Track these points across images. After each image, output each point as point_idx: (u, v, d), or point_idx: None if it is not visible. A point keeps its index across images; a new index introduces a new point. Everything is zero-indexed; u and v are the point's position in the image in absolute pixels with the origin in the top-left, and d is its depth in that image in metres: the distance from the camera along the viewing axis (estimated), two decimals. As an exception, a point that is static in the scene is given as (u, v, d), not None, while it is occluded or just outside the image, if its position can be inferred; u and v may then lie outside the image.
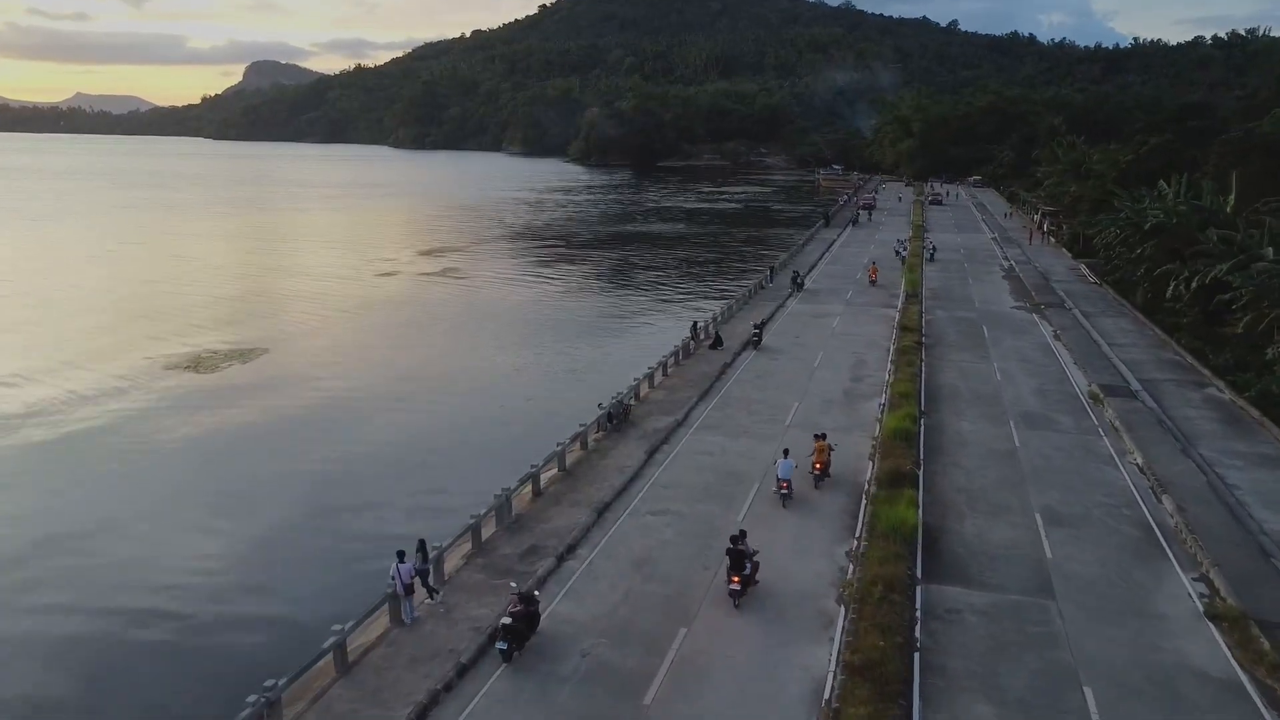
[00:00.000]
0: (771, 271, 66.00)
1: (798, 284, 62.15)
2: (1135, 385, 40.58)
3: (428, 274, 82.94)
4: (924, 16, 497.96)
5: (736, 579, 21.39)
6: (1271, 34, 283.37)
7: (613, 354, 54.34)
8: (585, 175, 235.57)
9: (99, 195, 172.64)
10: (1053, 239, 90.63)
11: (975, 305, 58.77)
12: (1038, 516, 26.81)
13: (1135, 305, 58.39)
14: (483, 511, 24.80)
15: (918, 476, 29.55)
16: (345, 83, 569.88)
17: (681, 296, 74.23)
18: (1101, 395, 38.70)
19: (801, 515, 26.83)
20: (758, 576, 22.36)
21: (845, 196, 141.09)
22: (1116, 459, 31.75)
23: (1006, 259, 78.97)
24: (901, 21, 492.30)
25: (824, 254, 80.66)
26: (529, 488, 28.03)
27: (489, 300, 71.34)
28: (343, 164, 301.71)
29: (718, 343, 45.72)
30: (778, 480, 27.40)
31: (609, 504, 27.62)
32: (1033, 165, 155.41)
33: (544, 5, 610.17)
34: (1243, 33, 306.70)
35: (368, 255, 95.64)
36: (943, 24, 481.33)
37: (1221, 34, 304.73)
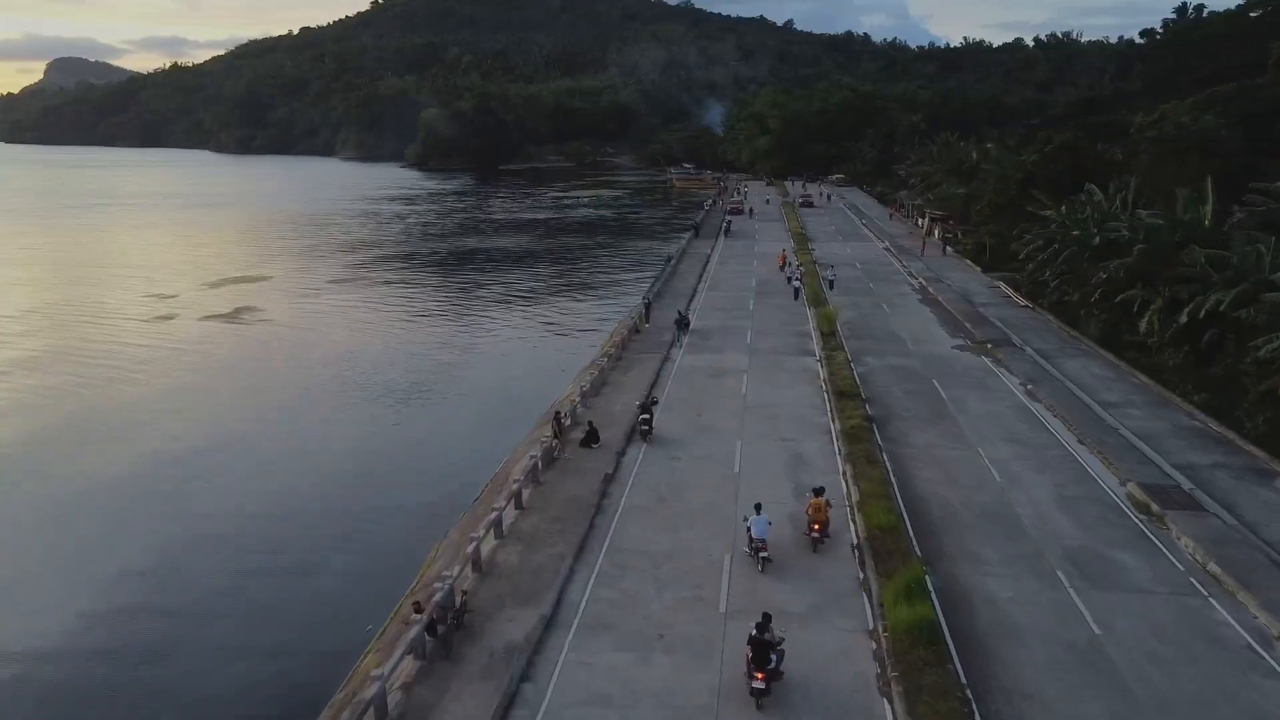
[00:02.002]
0: (647, 308, 52.28)
1: (683, 325, 48.84)
2: (1178, 477, 29.05)
3: (218, 315, 65.75)
4: (761, 16, 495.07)
5: (761, 675, 17.82)
6: (1083, 39, 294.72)
7: (446, 446, 39.95)
8: (424, 181, 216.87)
9: None
10: (949, 249, 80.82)
11: (908, 345, 46.81)
12: None
13: (1091, 337, 47.96)
14: None
15: (983, 746, 16.56)
16: (160, 82, 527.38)
17: (537, 339, 60.23)
18: (1151, 503, 26.91)
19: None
20: (782, 667, 18.20)
21: (710, 200, 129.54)
22: (1263, 654, 19.65)
23: (913, 276, 68.04)
24: (741, 20, 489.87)
25: (702, 275, 67.82)
26: None
27: (291, 351, 55.43)
28: (153, 170, 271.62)
29: (592, 438, 31.74)
30: (750, 539, 23.34)
31: None
32: (894, 163, 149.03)
33: (377, 2, 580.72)
34: (1060, 36, 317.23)
35: (147, 288, 77.26)
36: (779, 23, 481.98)
37: (1042, 36, 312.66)
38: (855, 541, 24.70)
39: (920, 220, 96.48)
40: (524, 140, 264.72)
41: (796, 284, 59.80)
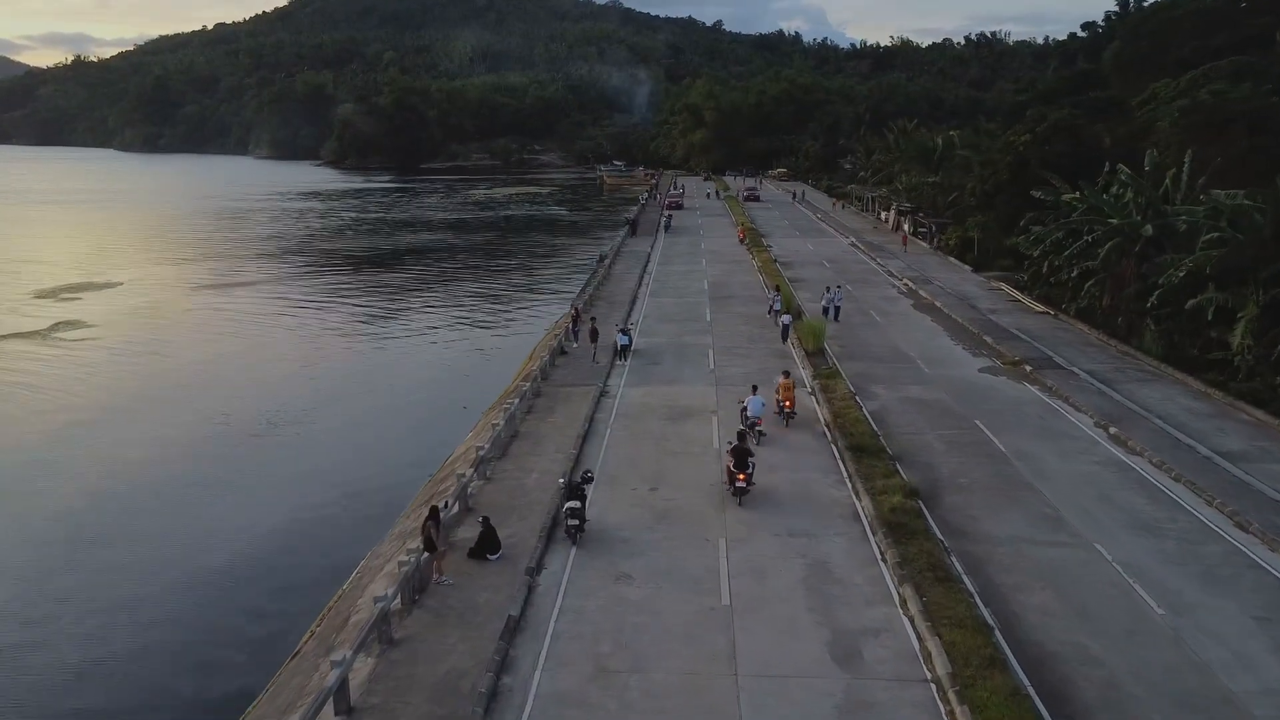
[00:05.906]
0: (574, 323, 39.85)
1: (622, 346, 36.76)
2: None
3: (24, 333, 52.12)
4: (690, 16, 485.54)
5: (743, 476, 21.50)
6: (1010, 39, 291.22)
7: (287, 541, 27.48)
8: (339, 181, 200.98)
9: None
10: (927, 242, 70.30)
11: (922, 368, 35.37)
12: None
13: (1149, 353, 37.27)
14: None
15: None
16: (61, 77, 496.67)
17: (442, 358, 47.99)
18: None
19: None
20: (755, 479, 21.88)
21: (645, 194, 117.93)
22: None
23: (894, 276, 57.02)
24: (670, 20, 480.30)
25: (642, 278, 55.96)
26: None
27: (108, 384, 42.32)
28: (47, 165, 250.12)
29: (487, 544, 19.40)
30: (747, 418, 25.55)
31: None
32: (840, 155, 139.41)
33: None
34: (989, 35, 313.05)
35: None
36: (708, 23, 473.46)
37: (972, 36, 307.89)
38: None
39: (884, 214, 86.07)
40: (447, 138, 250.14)
41: (786, 320, 40.23)
